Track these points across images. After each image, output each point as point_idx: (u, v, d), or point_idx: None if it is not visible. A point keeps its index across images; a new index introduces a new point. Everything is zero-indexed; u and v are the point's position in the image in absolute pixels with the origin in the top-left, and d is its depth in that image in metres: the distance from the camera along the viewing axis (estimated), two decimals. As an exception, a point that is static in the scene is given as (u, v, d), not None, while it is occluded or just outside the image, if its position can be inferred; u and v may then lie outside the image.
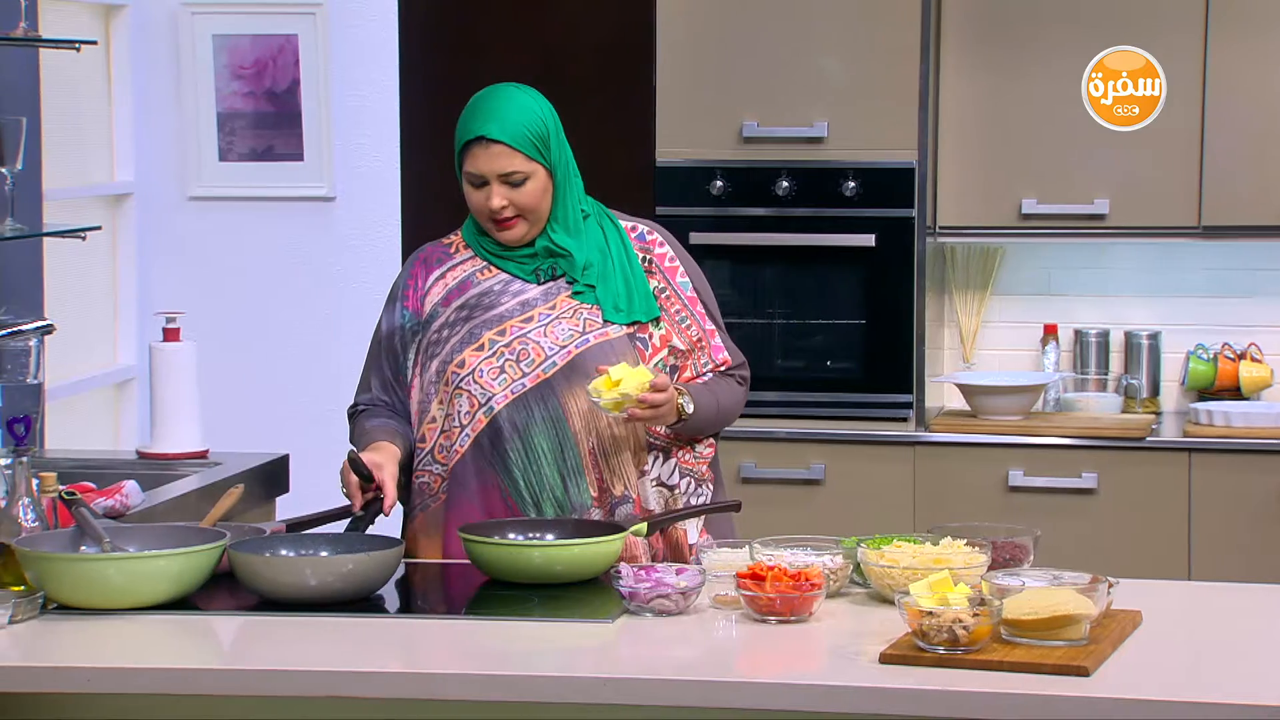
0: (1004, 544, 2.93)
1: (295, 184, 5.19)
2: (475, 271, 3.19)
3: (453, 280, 3.18)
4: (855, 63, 4.76)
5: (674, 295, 3.21)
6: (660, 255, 3.23)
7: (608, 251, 3.19)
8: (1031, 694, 2.40)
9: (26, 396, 3.72)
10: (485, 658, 2.62)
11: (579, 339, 3.13)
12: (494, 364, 3.11)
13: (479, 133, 3.10)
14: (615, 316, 3.15)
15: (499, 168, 3.10)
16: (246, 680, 2.53)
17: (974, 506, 4.65)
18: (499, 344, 3.12)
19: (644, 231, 3.25)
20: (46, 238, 4.15)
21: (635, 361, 3.13)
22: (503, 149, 3.10)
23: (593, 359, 3.11)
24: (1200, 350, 4.94)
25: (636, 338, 3.16)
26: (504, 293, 3.16)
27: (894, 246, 4.78)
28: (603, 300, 3.15)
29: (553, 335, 3.13)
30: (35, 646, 2.64)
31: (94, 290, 5.10)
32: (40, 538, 2.86)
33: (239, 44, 5.17)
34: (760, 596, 2.70)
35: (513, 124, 3.10)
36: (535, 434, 3.10)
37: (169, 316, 4.12)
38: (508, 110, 3.11)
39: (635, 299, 3.17)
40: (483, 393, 3.11)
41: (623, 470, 3.12)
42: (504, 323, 3.13)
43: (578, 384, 3.10)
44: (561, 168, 3.16)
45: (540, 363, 3.11)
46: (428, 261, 3.22)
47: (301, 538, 2.99)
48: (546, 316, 3.14)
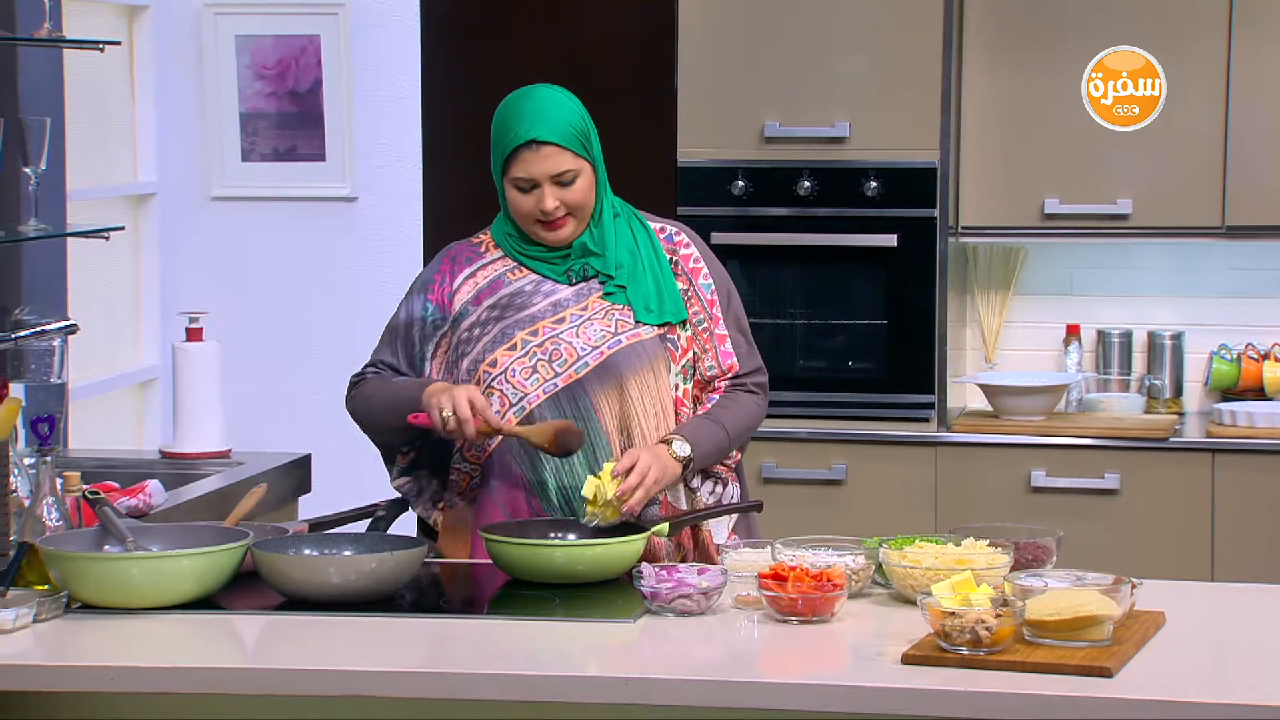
0: (1026, 545, 2.93)
1: (317, 184, 5.20)
2: (506, 271, 3.19)
3: (483, 280, 3.18)
4: (877, 62, 4.75)
5: (695, 296, 3.21)
6: (685, 256, 3.23)
7: (638, 252, 3.19)
8: (1054, 695, 2.39)
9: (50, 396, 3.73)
10: (507, 657, 2.62)
11: (611, 339, 3.13)
12: (526, 364, 3.11)
13: (528, 136, 3.08)
14: (647, 317, 3.15)
15: (550, 169, 3.10)
16: (269, 679, 2.54)
17: (996, 507, 4.64)
18: (531, 344, 3.13)
19: (672, 232, 3.25)
20: (70, 238, 4.17)
21: (667, 364, 3.14)
22: (553, 149, 3.09)
23: (624, 360, 3.12)
24: (1223, 350, 4.92)
25: (666, 339, 3.17)
26: (535, 293, 3.16)
27: (916, 247, 4.77)
28: (634, 301, 3.16)
29: (585, 336, 3.13)
30: (59, 645, 2.65)
31: (117, 290, 5.12)
32: (64, 537, 2.87)
33: (262, 44, 5.19)
34: (782, 597, 2.70)
35: (559, 123, 3.10)
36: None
37: (192, 316, 4.13)
38: (550, 110, 3.11)
39: (666, 300, 3.17)
40: (515, 392, 3.11)
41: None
42: (536, 323, 3.14)
43: (609, 384, 3.11)
44: (601, 165, 3.17)
45: (573, 363, 3.12)
46: (456, 259, 3.22)
47: (324, 537, 2.99)
48: (579, 317, 3.14)
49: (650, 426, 3.12)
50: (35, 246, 4.04)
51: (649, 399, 3.12)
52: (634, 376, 3.12)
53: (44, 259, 4.15)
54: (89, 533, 2.89)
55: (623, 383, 3.11)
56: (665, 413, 3.14)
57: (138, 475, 3.64)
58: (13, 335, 3.64)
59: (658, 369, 3.14)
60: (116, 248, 4.97)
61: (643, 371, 3.12)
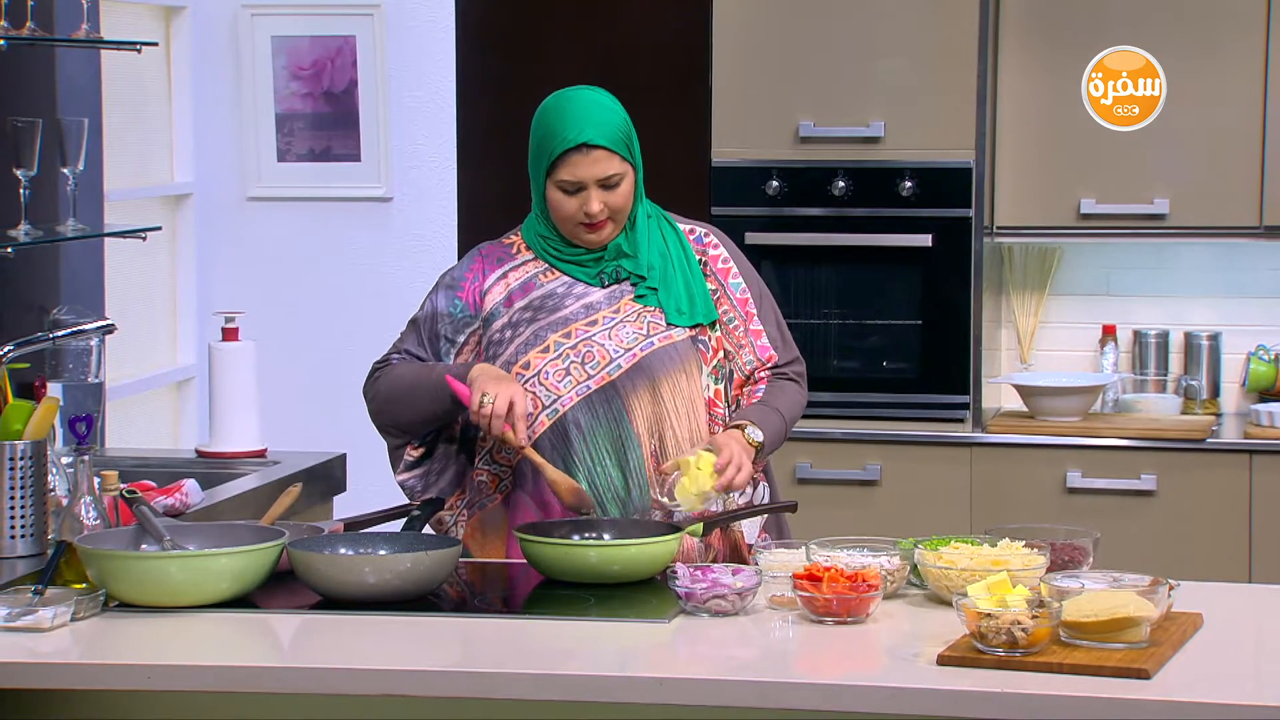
0: (1063, 546, 2.92)
1: (353, 184, 5.22)
2: (538, 273, 3.19)
3: (515, 281, 3.19)
4: (912, 62, 4.74)
5: (725, 297, 3.22)
6: (714, 257, 3.23)
7: (668, 254, 3.19)
8: (1091, 697, 2.38)
9: (88, 396, 3.75)
10: (541, 657, 2.62)
11: (644, 341, 3.13)
12: (559, 366, 3.12)
13: (580, 140, 3.08)
14: (678, 319, 3.16)
15: (599, 172, 3.10)
16: (305, 678, 2.55)
17: (1032, 508, 4.63)
18: (564, 346, 3.13)
19: (701, 234, 3.25)
20: (107, 238, 4.19)
21: (699, 365, 3.14)
22: (603, 153, 3.09)
23: (657, 362, 3.12)
24: (1261, 351, 4.90)
25: (698, 340, 3.17)
26: (568, 295, 3.16)
27: (951, 247, 4.76)
28: (665, 303, 3.16)
29: (617, 338, 3.13)
30: (96, 644, 2.66)
31: (154, 290, 5.14)
32: (102, 536, 2.88)
33: (298, 45, 5.20)
34: (817, 597, 2.70)
35: (608, 126, 3.10)
36: (599, 435, 3.10)
37: (228, 316, 4.15)
38: (598, 114, 3.10)
39: (697, 301, 3.17)
40: (548, 394, 3.11)
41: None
42: (569, 325, 3.14)
43: (642, 386, 3.11)
44: (640, 168, 3.17)
45: (605, 365, 3.12)
46: (487, 259, 3.22)
47: (360, 536, 3.00)
48: (611, 320, 3.14)
49: (682, 428, 3.12)
50: (73, 247, 4.06)
51: (681, 400, 3.12)
52: (666, 378, 3.12)
53: (82, 259, 4.17)
54: (126, 531, 2.91)
55: (655, 384, 3.11)
56: (697, 414, 3.14)
57: (174, 474, 3.65)
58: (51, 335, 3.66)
59: (690, 370, 3.14)
60: (153, 248, 4.99)
61: (675, 373, 3.13)
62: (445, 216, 5.22)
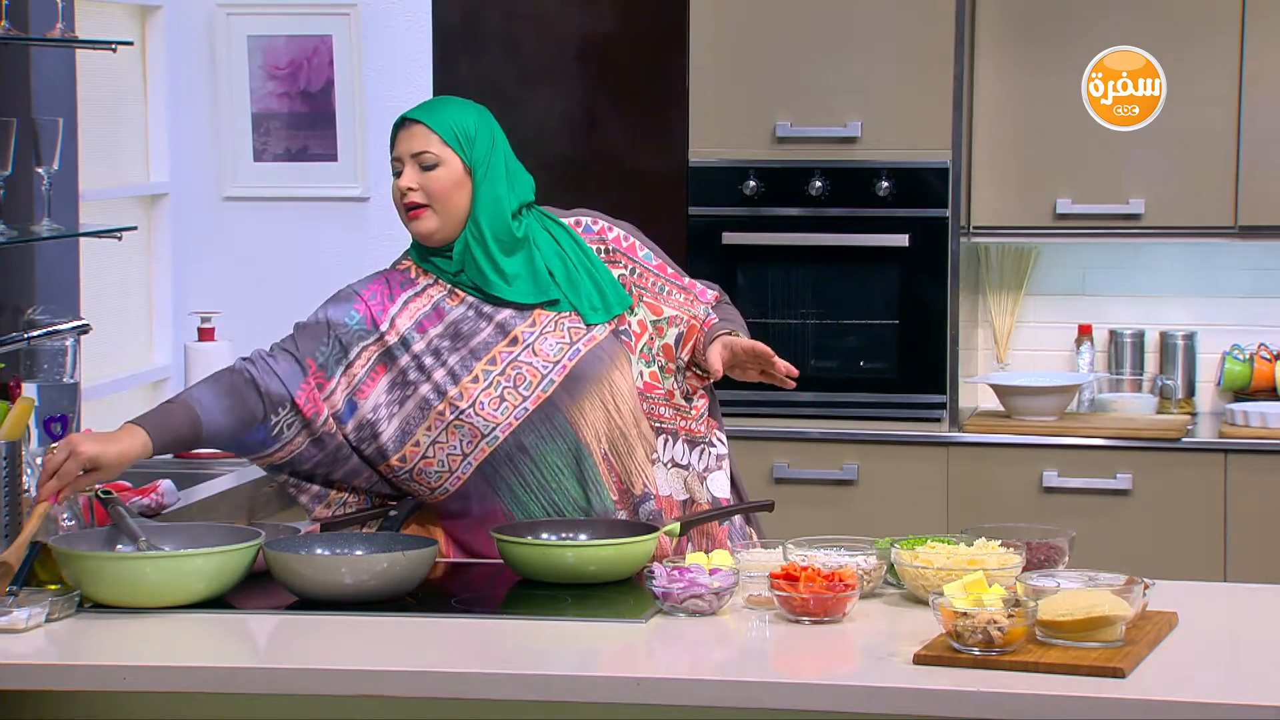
0: (1039, 545, 2.93)
1: (329, 184, 5.21)
2: (442, 297, 3.12)
3: (424, 305, 3.12)
4: (889, 62, 4.75)
5: (644, 272, 3.19)
6: (615, 239, 3.20)
7: (564, 254, 3.15)
8: (1067, 695, 2.39)
9: (63, 396, 3.74)
10: (519, 657, 2.62)
11: (569, 350, 3.10)
12: (493, 394, 3.07)
13: (404, 115, 3.13)
14: (595, 317, 3.13)
15: (414, 147, 3.10)
16: (282, 679, 2.54)
17: (1008, 507, 4.64)
18: (493, 373, 3.08)
19: (588, 223, 3.21)
20: (82, 238, 4.17)
21: (627, 358, 3.11)
22: (421, 129, 3.10)
23: (588, 366, 3.09)
24: (1236, 351, 4.91)
25: (620, 332, 3.14)
26: (479, 319, 3.11)
27: (928, 247, 4.77)
28: (578, 304, 3.13)
29: (542, 353, 3.09)
30: (71, 645, 2.66)
31: (130, 290, 5.13)
32: (76, 536, 2.88)
33: (274, 44, 5.19)
34: (794, 597, 2.70)
35: (441, 114, 3.12)
36: (548, 453, 3.07)
37: (204, 316, 4.14)
38: (441, 103, 3.16)
39: (608, 293, 3.14)
40: (485, 424, 3.07)
41: (638, 467, 3.11)
42: (490, 350, 3.09)
43: (580, 395, 3.08)
44: (483, 170, 3.10)
45: (538, 383, 3.08)
46: (391, 282, 3.16)
47: (336, 537, 3.00)
48: (530, 335, 3.10)
49: (628, 425, 3.10)
50: (48, 246, 4.04)
51: (620, 399, 3.10)
52: (601, 380, 3.09)
53: (57, 259, 4.15)
54: (101, 532, 2.90)
55: (592, 389, 3.08)
56: (635, 406, 3.12)
57: (150, 475, 3.64)
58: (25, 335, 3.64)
59: (621, 366, 3.11)
60: (129, 248, 4.97)
61: (609, 373, 3.10)
62: (422, 216, 5.21)
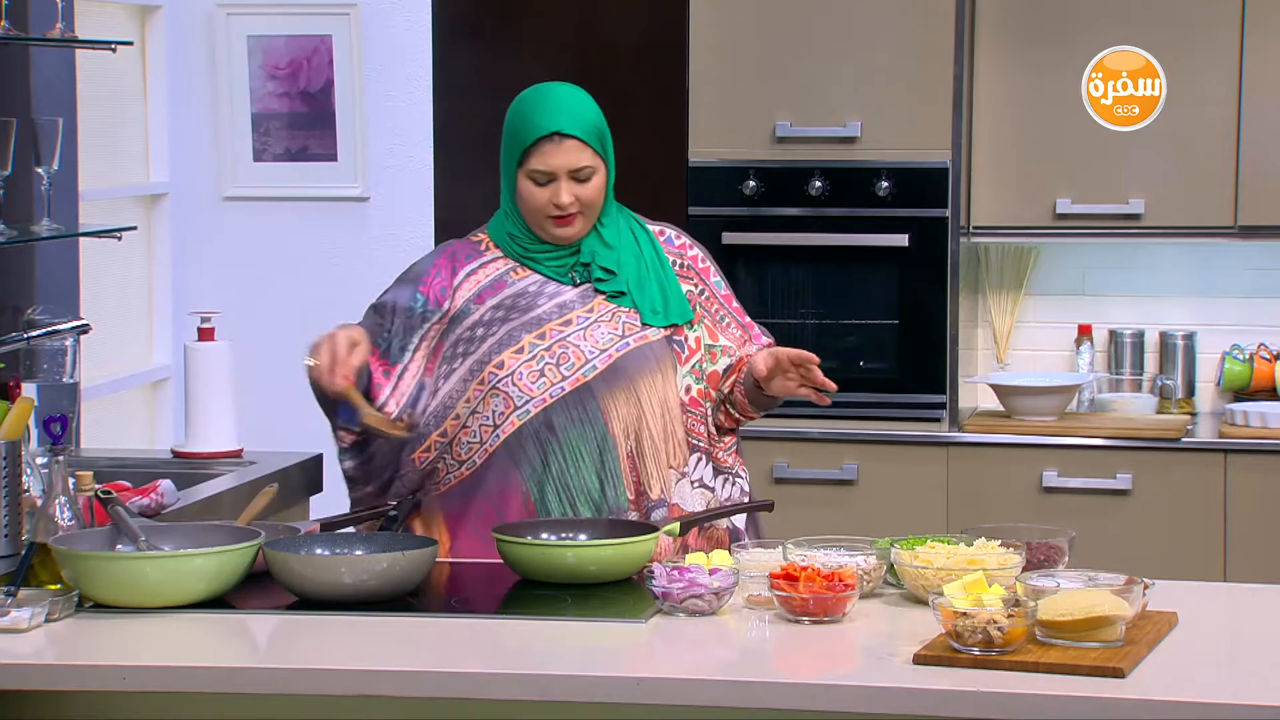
0: (1039, 545, 2.93)
1: (329, 184, 5.21)
2: (507, 271, 3.18)
3: (484, 278, 3.17)
4: (889, 62, 4.75)
5: (712, 296, 3.24)
6: (693, 258, 3.25)
7: (641, 255, 3.19)
8: (1067, 695, 2.39)
9: (63, 396, 3.74)
10: (519, 657, 2.62)
11: (619, 342, 3.13)
12: (534, 367, 3.11)
13: (553, 128, 3.08)
14: (654, 319, 3.16)
15: (570, 163, 3.09)
16: (282, 679, 2.54)
17: (1008, 507, 4.64)
18: (539, 348, 3.12)
19: (671, 235, 3.26)
20: (82, 238, 4.17)
21: (674, 366, 3.14)
22: (575, 143, 3.09)
23: (632, 363, 3.12)
24: (1236, 351, 4.91)
25: (674, 340, 3.17)
26: (540, 294, 3.16)
27: (928, 246, 4.77)
28: (640, 303, 3.16)
29: (593, 339, 3.13)
30: (71, 645, 2.65)
31: (129, 290, 5.13)
32: (76, 536, 2.88)
33: (274, 44, 5.19)
34: (794, 597, 2.70)
35: (582, 119, 3.10)
36: (574, 438, 3.10)
37: (204, 316, 4.14)
38: (574, 105, 3.11)
39: (671, 302, 3.18)
40: (520, 395, 3.10)
41: (660, 473, 3.12)
42: (543, 325, 3.13)
43: (617, 387, 3.10)
44: (613, 167, 3.17)
45: (580, 366, 3.11)
46: (455, 256, 3.20)
47: (336, 537, 3.00)
48: (585, 320, 3.14)
49: (658, 429, 3.12)
50: (47, 246, 4.04)
51: (657, 401, 3.12)
52: (642, 379, 3.12)
53: (56, 259, 4.15)
54: (101, 532, 2.90)
55: (630, 385, 3.11)
56: (672, 415, 3.14)
57: (150, 475, 3.65)
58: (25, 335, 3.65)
59: (665, 371, 3.14)
60: (129, 248, 4.98)
61: (651, 374, 3.13)
62: (422, 216, 5.21)
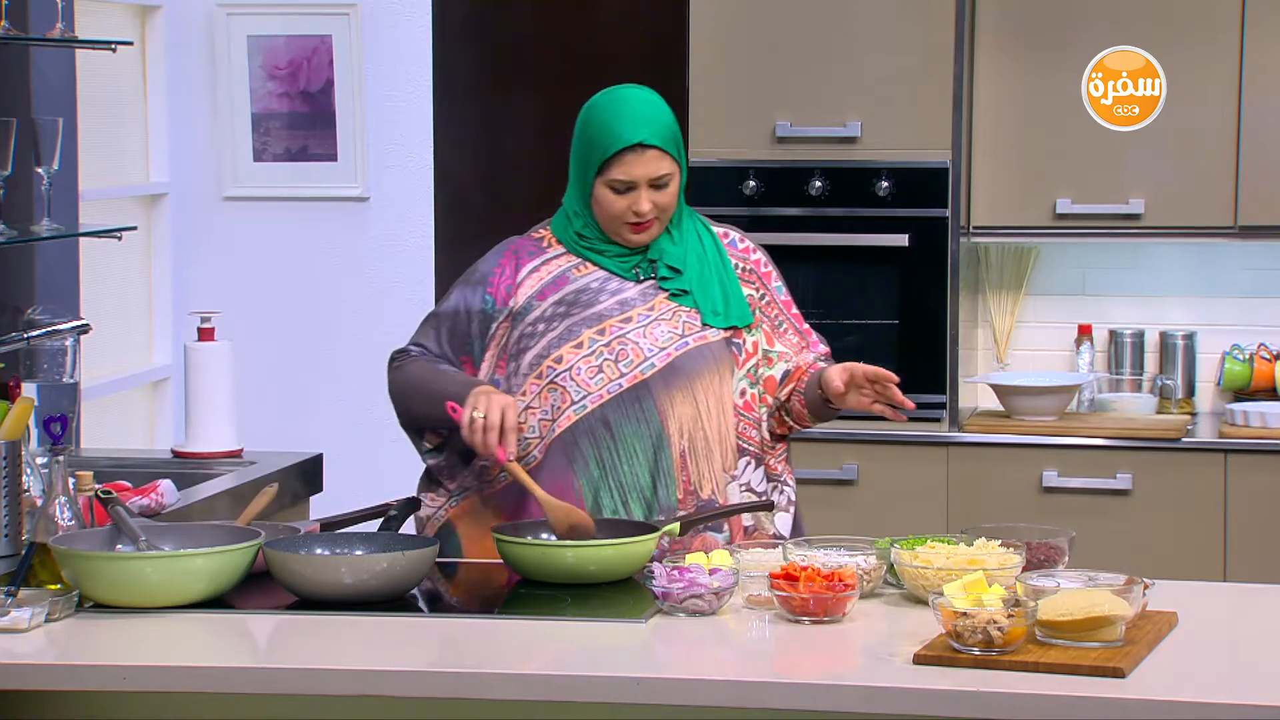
0: (1039, 545, 2.93)
1: (329, 184, 5.21)
2: (570, 268, 3.19)
3: (547, 275, 3.19)
4: (889, 62, 4.75)
5: (772, 301, 3.26)
6: (755, 262, 3.27)
7: (705, 256, 3.21)
8: (1067, 695, 2.39)
9: (63, 396, 3.74)
10: (519, 657, 2.62)
11: (678, 341, 3.14)
12: (592, 363, 3.12)
13: (635, 139, 3.09)
14: (714, 320, 3.17)
15: (652, 172, 3.11)
16: (282, 679, 2.54)
17: (1008, 507, 4.64)
18: (598, 343, 3.13)
19: (735, 238, 3.28)
20: (83, 238, 4.17)
21: (731, 368, 3.16)
22: (656, 153, 3.11)
23: (691, 363, 3.13)
24: (1236, 351, 4.91)
25: (732, 343, 3.18)
26: (602, 291, 3.17)
27: (928, 246, 4.76)
28: (701, 304, 3.17)
29: (652, 336, 3.14)
30: (71, 645, 2.66)
31: (129, 290, 5.13)
32: (76, 536, 2.88)
33: (274, 44, 5.19)
34: (794, 597, 2.70)
35: (660, 126, 3.12)
36: (629, 435, 3.11)
37: (204, 316, 4.14)
38: (651, 113, 3.13)
39: (732, 304, 3.19)
40: (578, 390, 3.12)
41: (712, 474, 3.14)
42: (603, 321, 3.14)
43: (674, 386, 3.12)
44: (685, 168, 3.19)
45: (639, 364, 3.13)
46: (519, 253, 3.21)
47: (336, 537, 3.00)
48: (645, 317, 3.15)
49: (713, 429, 3.13)
50: (48, 246, 4.04)
51: (714, 402, 3.14)
52: (700, 379, 3.14)
53: (56, 259, 4.15)
54: (101, 532, 2.90)
55: (688, 385, 3.13)
56: (727, 416, 3.15)
57: (150, 475, 3.65)
58: (25, 335, 3.65)
59: (723, 372, 3.15)
60: (129, 248, 4.97)
61: (709, 374, 3.14)
62: (422, 216, 5.21)
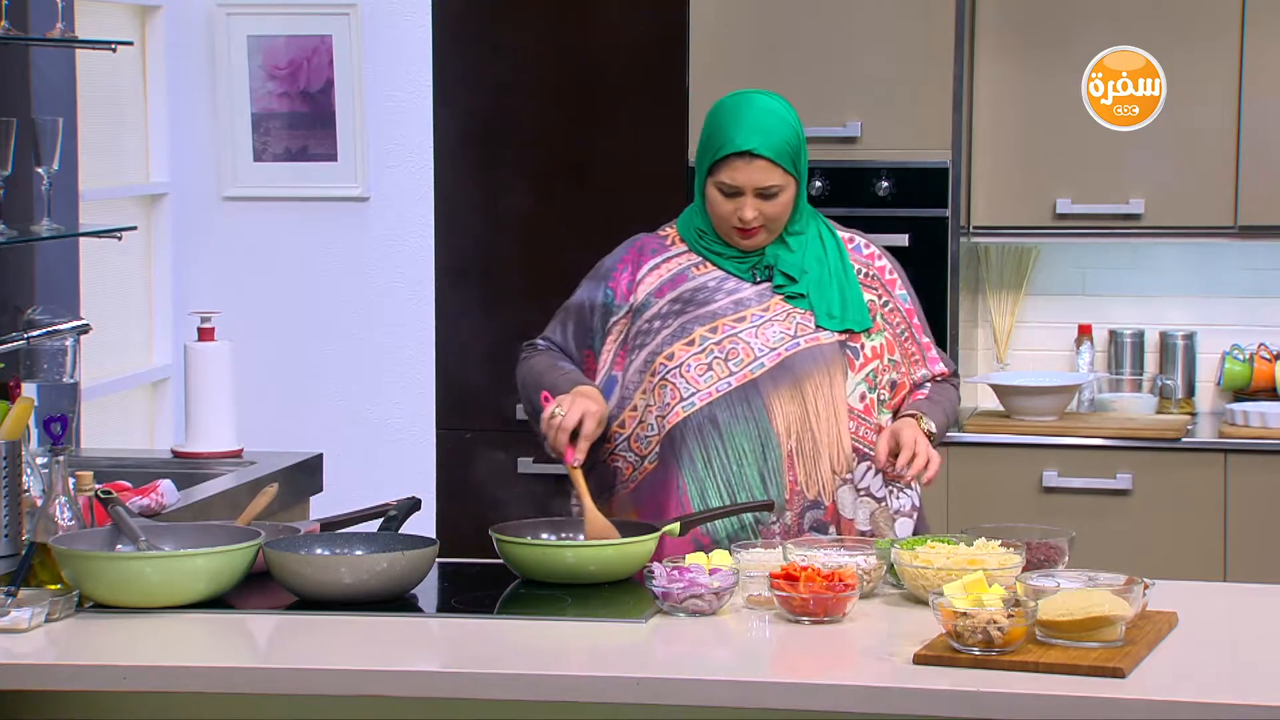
0: (1039, 545, 2.93)
1: (329, 184, 5.21)
2: (690, 266, 3.22)
3: (667, 273, 3.21)
4: (889, 62, 4.75)
5: (895, 309, 3.26)
6: (880, 269, 3.27)
7: (825, 260, 3.21)
8: (1067, 695, 2.39)
9: (63, 396, 3.74)
10: (519, 657, 2.62)
11: (789, 342, 3.16)
12: (702, 360, 3.14)
13: (744, 147, 3.11)
14: (828, 323, 3.18)
15: (758, 181, 3.12)
16: (281, 679, 2.54)
17: (1008, 507, 4.64)
18: (710, 341, 3.15)
19: (860, 244, 3.29)
20: (83, 238, 4.17)
21: (844, 371, 3.16)
22: (764, 163, 3.12)
23: (801, 363, 3.14)
24: (1236, 351, 4.91)
25: (848, 346, 3.19)
26: (718, 290, 3.19)
27: (928, 246, 4.76)
28: (816, 306, 3.18)
29: (764, 336, 3.15)
30: (71, 645, 2.66)
31: (130, 290, 5.13)
32: (76, 536, 2.88)
33: (274, 44, 5.19)
34: (794, 597, 2.70)
35: (775, 138, 3.13)
36: (737, 434, 3.12)
37: (204, 316, 4.14)
38: (769, 123, 3.14)
39: (849, 308, 3.20)
40: (687, 387, 3.13)
41: (819, 475, 3.14)
42: (716, 320, 3.16)
43: (784, 386, 3.13)
44: (805, 179, 3.20)
45: (748, 363, 3.14)
46: (643, 250, 3.25)
47: (336, 537, 3.00)
48: (759, 317, 3.17)
49: (823, 431, 3.14)
50: (48, 246, 4.04)
51: (824, 403, 3.14)
52: (809, 380, 3.15)
53: (56, 259, 4.15)
54: (101, 532, 2.90)
55: (797, 385, 3.14)
56: (839, 419, 3.15)
57: (150, 475, 3.65)
58: (25, 335, 3.64)
59: (834, 375, 3.16)
60: (129, 248, 4.97)
61: (819, 375, 3.15)
62: (422, 216, 5.21)
